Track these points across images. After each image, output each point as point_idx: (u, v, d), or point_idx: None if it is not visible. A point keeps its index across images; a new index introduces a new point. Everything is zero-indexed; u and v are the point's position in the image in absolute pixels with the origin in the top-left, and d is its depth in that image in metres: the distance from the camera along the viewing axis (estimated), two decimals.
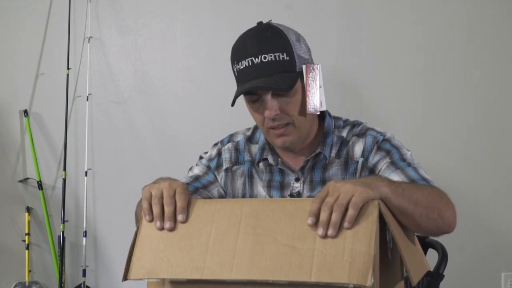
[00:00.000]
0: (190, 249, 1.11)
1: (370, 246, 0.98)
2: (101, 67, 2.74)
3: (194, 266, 1.07)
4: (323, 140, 1.52)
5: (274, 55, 1.39)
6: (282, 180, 1.54)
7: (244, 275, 1.02)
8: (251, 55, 1.40)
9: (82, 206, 2.68)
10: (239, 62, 1.43)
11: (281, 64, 1.40)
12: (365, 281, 0.95)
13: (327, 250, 1.01)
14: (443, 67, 2.83)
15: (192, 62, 2.76)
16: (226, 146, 1.63)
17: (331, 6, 2.77)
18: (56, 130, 2.71)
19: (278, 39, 1.41)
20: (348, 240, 1.01)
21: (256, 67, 1.40)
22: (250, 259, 1.05)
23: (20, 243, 2.67)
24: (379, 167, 1.45)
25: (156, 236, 1.15)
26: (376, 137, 1.50)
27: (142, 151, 2.76)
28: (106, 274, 2.75)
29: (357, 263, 0.97)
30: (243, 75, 1.42)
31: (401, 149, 1.48)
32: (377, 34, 2.80)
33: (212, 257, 1.08)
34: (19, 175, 2.70)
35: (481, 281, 2.85)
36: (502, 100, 2.86)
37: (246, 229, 1.09)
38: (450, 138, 2.80)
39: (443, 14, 2.83)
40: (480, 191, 2.77)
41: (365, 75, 2.80)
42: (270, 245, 1.06)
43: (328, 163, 1.51)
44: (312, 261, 1.01)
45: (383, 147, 1.48)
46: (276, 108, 1.42)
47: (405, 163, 1.43)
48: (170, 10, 2.76)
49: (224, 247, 1.08)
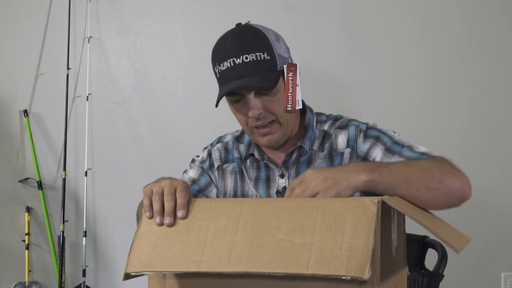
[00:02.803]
0: (188, 244, 1.11)
1: (369, 240, 0.98)
2: (101, 67, 2.74)
3: (191, 259, 1.08)
4: (303, 134, 1.53)
5: (255, 55, 1.40)
6: (268, 174, 1.55)
7: (241, 267, 1.02)
8: (232, 55, 1.41)
9: (82, 206, 2.68)
10: (221, 64, 1.44)
11: (263, 63, 1.40)
12: (362, 273, 0.94)
13: (325, 244, 1.01)
14: (443, 66, 2.83)
15: (192, 62, 2.76)
16: (215, 147, 1.65)
17: (331, 6, 2.77)
18: (56, 130, 2.72)
19: (258, 39, 1.42)
20: (347, 235, 1.01)
21: (238, 67, 1.40)
22: (248, 253, 1.06)
23: (20, 243, 2.68)
24: (373, 155, 1.45)
25: (155, 232, 1.16)
26: (359, 126, 1.51)
27: (142, 151, 2.76)
28: (106, 274, 2.76)
29: (355, 257, 0.97)
30: (225, 76, 1.43)
31: (388, 132, 1.48)
32: (377, 34, 2.80)
33: (210, 250, 1.08)
34: (19, 175, 2.70)
35: (481, 281, 2.85)
36: (501, 98, 2.87)
37: (245, 225, 1.09)
38: (448, 137, 2.81)
39: (442, 13, 2.83)
40: (480, 191, 2.77)
41: (365, 74, 2.80)
42: (269, 240, 1.06)
43: (312, 157, 1.52)
44: (310, 255, 1.01)
45: (370, 134, 1.48)
46: (259, 107, 1.43)
47: (398, 146, 1.43)
48: (170, 10, 2.76)
49: (222, 242, 1.09)
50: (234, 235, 1.09)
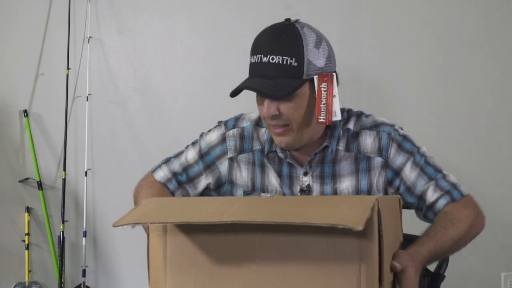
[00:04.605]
0: (184, 207, 1.14)
1: (366, 211, 1.00)
2: (101, 67, 2.74)
3: (185, 216, 1.08)
4: (330, 133, 1.51)
5: (282, 58, 1.39)
6: (290, 171, 1.54)
7: (241, 217, 1.02)
8: (261, 52, 1.41)
9: (82, 206, 2.68)
10: (253, 56, 1.44)
11: (286, 69, 1.39)
12: (356, 225, 0.95)
13: (322, 210, 1.05)
14: (442, 66, 2.83)
15: (192, 62, 2.76)
16: (230, 132, 1.60)
17: (332, 6, 2.77)
18: (56, 130, 2.71)
19: (291, 43, 1.40)
20: (344, 209, 1.04)
21: (263, 66, 1.40)
22: (247, 208, 1.08)
23: (20, 243, 2.67)
24: (406, 171, 1.50)
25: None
26: (391, 134, 1.51)
27: (142, 151, 2.76)
28: (106, 274, 2.75)
29: (351, 216, 0.99)
30: (252, 69, 1.44)
31: (421, 148, 1.53)
32: (377, 33, 2.80)
33: (206, 209, 1.11)
34: (19, 175, 2.70)
35: (481, 281, 2.85)
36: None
37: (249, 201, 1.14)
38: (453, 138, 2.81)
39: (442, 13, 2.83)
40: (480, 191, 2.77)
41: (366, 74, 2.80)
42: (269, 206, 1.10)
43: (337, 157, 1.51)
44: (306, 213, 1.05)
45: (404, 148, 1.51)
46: (273, 110, 1.41)
47: (431, 168, 1.51)
48: (170, 10, 2.76)
49: (219, 208, 1.10)
50: (234, 203, 1.11)
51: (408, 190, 1.49)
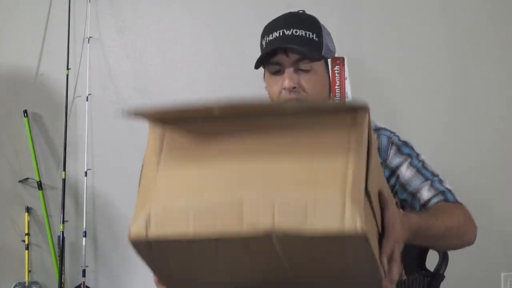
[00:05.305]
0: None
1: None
2: (101, 67, 2.74)
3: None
4: None
5: (305, 32, 1.41)
6: None
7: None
8: (282, 27, 1.42)
9: (81, 207, 2.68)
10: (269, 34, 1.44)
11: (310, 41, 1.41)
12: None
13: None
14: (443, 66, 2.83)
15: (192, 62, 2.76)
16: None
17: (332, 6, 2.77)
18: (56, 130, 2.71)
19: (311, 21, 1.45)
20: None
21: (286, 37, 1.41)
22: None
23: (19, 243, 2.67)
24: (403, 169, 1.49)
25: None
26: (391, 137, 1.52)
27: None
28: (106, 274, 2.75)
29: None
30: (271, 44, 1.43)
31: (420, 155, 1.52)
32: (377, 33, 2.80)
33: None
34: (19, 175, 2.70)
35: (481, 281, 2.85)
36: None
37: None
38: (452, 136, 2.81)
39: (441, 13, 2.83)
40: (480, 192, 2.78)
41: (366, 74, 2.80)
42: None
43: None
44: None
45: (403, 151, 1.51)
46: (296, 81, 1.42)
47: (428, 172, 1.48)
48: (170, 10, 2.76)
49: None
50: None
51: (402, 186, 1.49)
